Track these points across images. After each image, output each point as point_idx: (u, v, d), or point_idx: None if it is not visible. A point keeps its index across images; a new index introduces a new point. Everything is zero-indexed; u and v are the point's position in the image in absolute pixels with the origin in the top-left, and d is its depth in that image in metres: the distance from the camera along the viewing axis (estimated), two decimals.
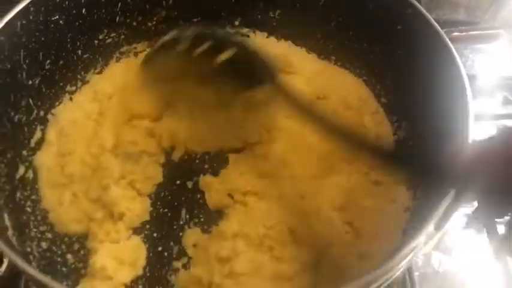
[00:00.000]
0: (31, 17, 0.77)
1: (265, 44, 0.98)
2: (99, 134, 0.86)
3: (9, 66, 0.76)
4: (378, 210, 0.79)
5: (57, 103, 0.88)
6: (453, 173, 0.57)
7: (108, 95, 0.91)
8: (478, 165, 0.54)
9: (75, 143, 0.85)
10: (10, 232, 0.69)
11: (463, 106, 0.69)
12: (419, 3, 1.12)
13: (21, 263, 0.56)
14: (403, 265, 0.62)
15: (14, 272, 0.77)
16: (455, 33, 0.82)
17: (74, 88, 0.91)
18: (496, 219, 0.85)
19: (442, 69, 0.74)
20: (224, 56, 0.81)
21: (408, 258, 0.62)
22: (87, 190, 0.80)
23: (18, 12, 0.75)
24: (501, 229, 0.85)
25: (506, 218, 0.79)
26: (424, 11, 0.77)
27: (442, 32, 0.74)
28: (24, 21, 0.76)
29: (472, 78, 0.96)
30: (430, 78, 0.77)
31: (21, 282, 0.76)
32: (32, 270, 0.55)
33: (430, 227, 0.60)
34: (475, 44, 0.98)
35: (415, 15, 0.78)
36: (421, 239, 0.59)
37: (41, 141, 0.85)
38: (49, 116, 0.87)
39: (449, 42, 0.73)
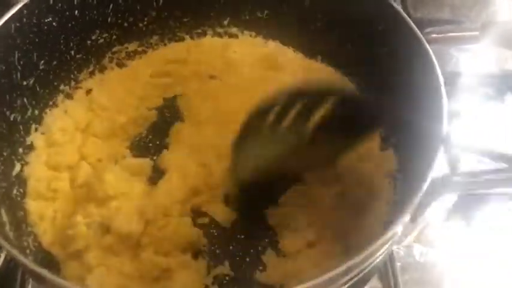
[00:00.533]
0: (25, 20, 0.80)
1: (253, 43, 1.01)
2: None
3: (4, 67, 0.78)
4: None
5: (51, 102, 0.91)
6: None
7: (104, 106, 0.93)
8: None
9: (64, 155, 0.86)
10: (7, 227, 0.72)
11: (439, 107, 0.70)
12: (405, 1, 1.15)
13: (19, 256, 0.59)
14: (381, 253, 0.65)
15: (12, 266, 0.80)
16: (434, 35, 0.84)
17: (67, 87, 0.93)
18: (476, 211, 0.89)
19: (420, 70, 0.75)
20: (320, 113, 0.73)
21: (385, 247, 0.64)
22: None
23: (12, 16, 0.77)
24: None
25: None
26: (401, 11, 0.79)
27: (418, 31, 0.76)
28: (18, 24, 0.79)
29: (456, 75, 1.00)
30: (409, 79, 0.79)
31: (18, 276, 0.79)
32: (29, 263, 0.57)
33: (406, 218, 0.62)
34: (456, 45, 1.00)
35: (394, 16, 0.80)
36: (397, 228, 0.61)
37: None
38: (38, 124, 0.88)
39: (426, 43, 0.75)
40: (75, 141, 0.88)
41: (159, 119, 0.95)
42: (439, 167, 0.64)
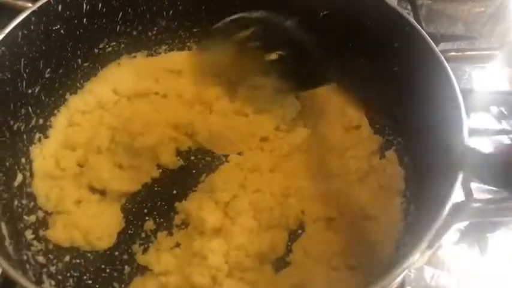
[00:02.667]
0: (32, 27, 0.78)
1: None
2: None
3: (9, 75, 0.76)
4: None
5: (56, 111, 0.89)
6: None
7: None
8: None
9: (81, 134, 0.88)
10: (7, 242, 0.70)
11: (458, 125, 0.69)
12: (418, 15, 1.14)
13: (14, 274, 0.58)
14: (396, 282, 0.63)
15: (10, 279, 0.77)
16: (452, 53, 0.83)
17: (73, 96, 0.92)
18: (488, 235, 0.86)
19: (437, 88, 0.74)
20: (274, 56, 0.88)
21: (401, 275, 0.62)
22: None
23: (19, 23, 0.76)
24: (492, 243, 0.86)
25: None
26: (421, 29, 0.78)
27: (438, 50, 0.75)
28: (25, 31, 0.77)
29: (468, 92, 0.98)
30: (426, 97, 0.77)
31: None
32: (24, 282, 0.56)
33: (423, 247, 0.60)
34: (472, 63, 0.99)
35: (412, 33, 0.79)
36: (414, 257, 0.59)
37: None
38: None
39: (445, 62, 0.74)
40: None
41: None
42: (456, 194, 0.62)
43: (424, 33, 0.78)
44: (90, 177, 0.85)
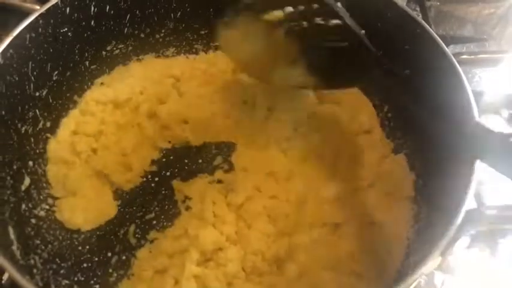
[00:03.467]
0: (40, 30, 0.78)
1: None
2: None
3: (17, 78, 0.76)
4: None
5: (63, 113, 0.89)
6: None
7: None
8: None
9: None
10: (15, 246, 0.69)
11: (470, 128, 0.68)
12: (427, 17, 1.13)
13: (21, 279, 0.58)
14: None
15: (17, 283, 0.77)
16: (464, 56, 0.82)
17: (80, 99, 0.91)
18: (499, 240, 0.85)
19: (449, 90, 0.73)
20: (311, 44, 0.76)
21: (415, 283, 0.61)
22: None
23: (27, 25, 0.75)
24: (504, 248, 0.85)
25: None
26: (432, 31, 0.77)
27: (449, 53, 0.74)
28: (33, 34, 0.77)
29: (479, 95, 0.97)
30: (437, 99, 0.76)
31: None
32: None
33: (436, 254, 0.59)
34: (482, 66, 0.98)
35: (423, 36, 0.78)
36: (427, 266, 0.58)
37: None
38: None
39: (456, 64, 0.73)
40: None
41: None
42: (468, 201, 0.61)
43: (435, 35, 0.77)
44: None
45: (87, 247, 0.80)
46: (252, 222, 0.79)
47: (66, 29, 0.82)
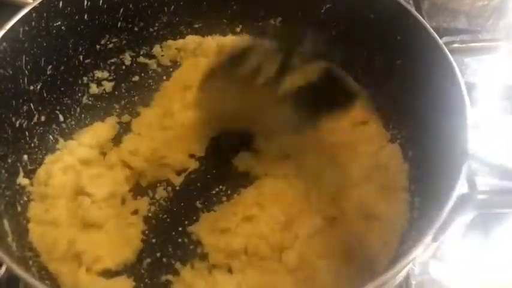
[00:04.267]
0: (33, 23, 0.78)
1: None
2: None
3: (11, 72, 0.76)
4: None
5: (58, 108, 0.89)
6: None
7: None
8: None
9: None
10: (10, 238, 0.70)
11: (462, 117, 0.69)
12: (420, 9, 1.13)
13: (18, 270, 0.57)
14: (400, 275, 0.62)
15: (14, 275, 0.77)
16: (456, 45, 0.82)
17: (73, 93, 0.91)
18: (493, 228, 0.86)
19: (441, 80, 0.74)
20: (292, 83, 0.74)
21: (406, 268, 0.62)
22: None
23: (20, 19, 0.76)
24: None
25: None
26: (424, 22, 0.77)
27: (442, 43, 0.75)
28: (26, 28, 0.77)
29: (472, 86, 0.97)
30: (429, 89, 0.77)
31: (20, 284, 0.76)
32: (28, 277, 0.56)
33: (428, 239, 0.60)
34: (475, 55, 0.98)
35: (415, 26, 0.78)
36: (419, 250, 0.59)
37: (41, 145, 0.86)
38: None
39: (449, 54, 0.73)
40: None
41: None
42: (460, 186, 0.62)
43: (428, 25, 0.77)
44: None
45: None
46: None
47: (59, 22, 0.82)
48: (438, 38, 0.76)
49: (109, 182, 0.83)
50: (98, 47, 0.92)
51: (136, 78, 0.98)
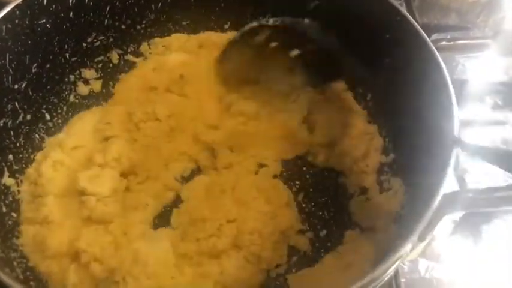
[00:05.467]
0: (17, 21, 0.77)
1: None
2: None
3: None
4: None
5: (44, 106, 0.88)
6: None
7: None
8: None
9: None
10: None
11: (449, 115, 0.68)
12: (411, 6, 1.13)
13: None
14: (388, 273, 0.62)
15: None
16: (444, 42, 0.82)
17: (60, 92, 0.90)
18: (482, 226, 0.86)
19: (429, 78, 0.73)
20: (295, 52, 0.85)
21: (394, 266, 0.62)
22: None
23: (3, 17, 0.74)
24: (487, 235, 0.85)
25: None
26: (413, 20, 0.77)
27: (430, 41, 0.74)
28: (9, 25, 0.76)
29: (463, 83, 0.97)
30: (417, 86, 0.76)
31: None
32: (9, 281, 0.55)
33: (415, 237, 0.60)
34: (464, 53, 0.98)
35: (403, 24, 0.78)
36: (406, 248, 0.59)
37: (27, 144, 0.85)
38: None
39: (436, 52, 0.73)
40: None
41: None
42: (447, 184, 0.61)
43: (416, 23, 0.77)
44: None
45: None
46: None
47: (44, 20, 0.81)
48: (426, 36, 0.75)
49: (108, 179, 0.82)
50: (84, 44, 0.91)
51: (123, 76, 0.97)
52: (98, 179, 0.81)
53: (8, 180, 0.80)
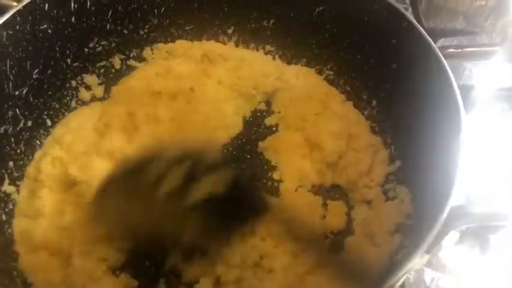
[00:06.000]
0: (18, 27, 0.76)
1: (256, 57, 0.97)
2: None
3: None
4: None
5: (45, 112, 0.87)
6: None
7: None
8: None
9: None
10: None
11: (456, 122, 0.67)
12: (417, 10, 1.11)
13: None
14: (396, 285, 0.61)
15: None
16: (451, 50, 0.80)
17: (62, 97, 0.90)
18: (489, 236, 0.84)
19: (436, 84, 0.73)
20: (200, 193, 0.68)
21: (401, 280, 0.61)
22: None
23: (4, 22, 0.74)
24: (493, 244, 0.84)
25: None
26: (419, 26, 0.76)
27: (436, 48, 0.73)
28: (10, 31, 0.75)
29: (469, 88, 0.96)
30: (424, 93, 0.75)
31: None
32: None
33: (422, 251, 0.58)
34: (471, 60, 0.96)
35: (410, 30, 0.77)
36: (412, 263, 0.57)
37: (28, 151, 0.84)
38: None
39: (443, 59, 0.72)
40: None
41: None
42: (454, 197, 0.60)
43: (422, 29, 0.76)
44: None
45: None
46: None
47: (45, 26, 0.80)
48: (433, 42, 0.74)
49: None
50: (86, 50, 0.90)
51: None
52: (88, 167, 0.79)
53: (8, 187, 0.79)
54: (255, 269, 0.74)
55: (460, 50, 0.82)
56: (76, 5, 0.83)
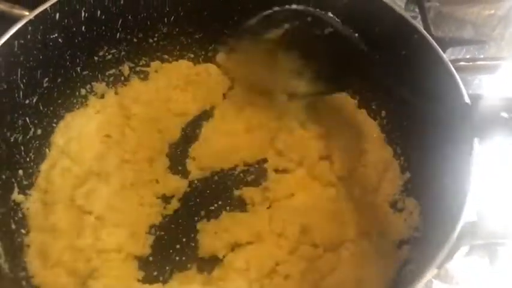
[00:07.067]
0: (29, 36, 0.76)
1: None
2: None
3: (5, 86, 0.75)
4: None
5: (54, 120, 0.87)
6: None
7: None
8: None
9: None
10: (2, 259, 0.68)
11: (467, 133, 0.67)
12: (426, 18, 1.11)
13: None
14: None
15: None
16: (462, 63, 0.80)
17: (71, 106, 0.90)
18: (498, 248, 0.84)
19: (446, 96, 0.72)
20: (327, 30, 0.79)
21: None
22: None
23: (15, 32, 0.74)
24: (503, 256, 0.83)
25: None
26: (429, 37, 0.75)
27: (446, 59, 0.73)
28: (21, 41, 0.75)
29: (478, 98, 0.95)
30: (435, 105, 0.75)
31: None
32: None
33: (433, 267, 0.58)
34: (481, 73, 0.96)
35: (420, 41, 0.77)
36: (424, 280, 0.57)
37: (38, 159, 0.84)
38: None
39: (454, 70, 0.72)
40: None
41: None
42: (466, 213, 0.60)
43: (433, 41, 0.76)
44: None
45: None
46: None
47: (56, 35, 0.80)
48: (443, 54, 0.74)
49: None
50: (96, 58, 0.90)
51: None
52: (93, 194, 0.81)
53: (18, 196, 0.79)
54: (271, 275, 0.76)
55: (471, 63, 0.82)
56: (86, 14, 0.83)
